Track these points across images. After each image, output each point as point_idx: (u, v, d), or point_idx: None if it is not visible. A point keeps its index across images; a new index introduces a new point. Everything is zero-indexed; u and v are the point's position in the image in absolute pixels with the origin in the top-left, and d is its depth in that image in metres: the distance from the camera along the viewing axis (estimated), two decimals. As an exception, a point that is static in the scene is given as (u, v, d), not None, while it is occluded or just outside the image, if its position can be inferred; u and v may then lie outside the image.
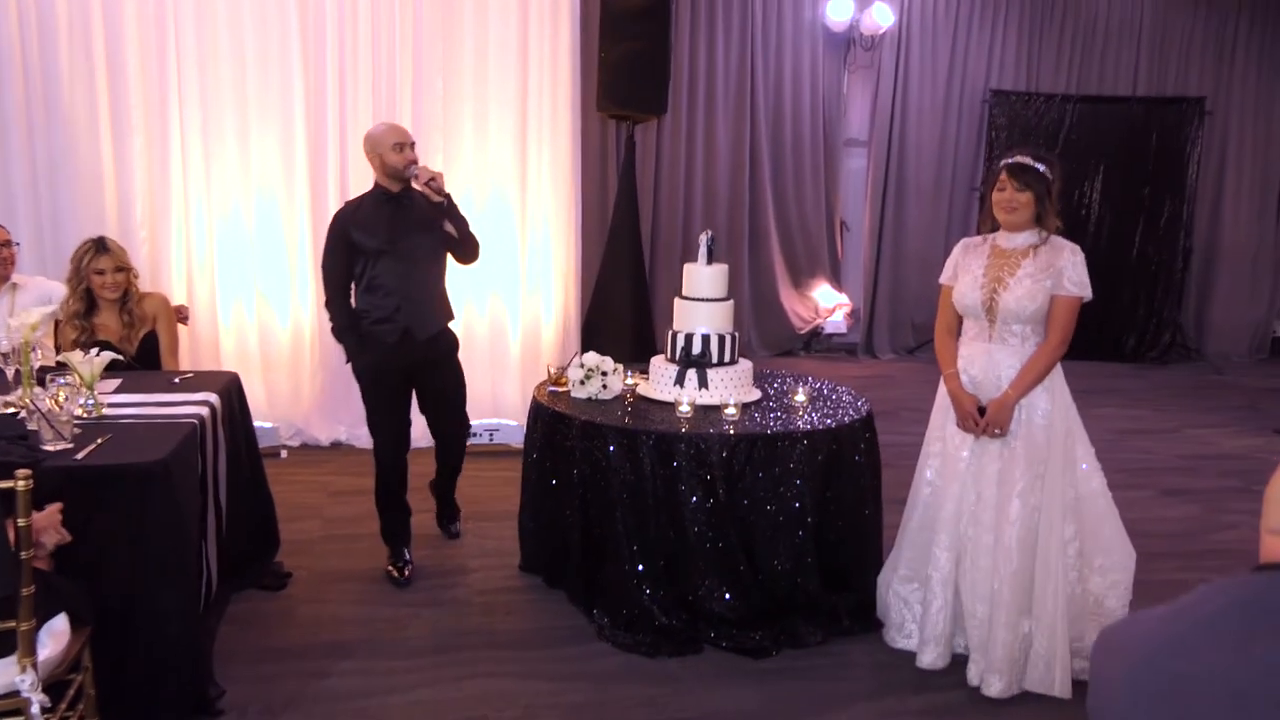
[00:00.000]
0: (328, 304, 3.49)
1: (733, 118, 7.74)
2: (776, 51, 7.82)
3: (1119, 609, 3.07)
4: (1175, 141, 8.27)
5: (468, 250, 3.50)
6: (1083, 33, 8.27)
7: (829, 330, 8.34)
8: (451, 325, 3.65)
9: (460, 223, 3.45)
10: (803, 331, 8.25)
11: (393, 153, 3.38)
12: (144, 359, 3.96)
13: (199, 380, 3.38)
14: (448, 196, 3.38)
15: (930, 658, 3.02)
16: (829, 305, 8.29)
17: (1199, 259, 8.66)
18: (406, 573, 3.56)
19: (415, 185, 3.39)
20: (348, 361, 3.52)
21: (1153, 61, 8.40)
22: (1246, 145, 8.63)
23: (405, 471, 3.65)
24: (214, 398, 3.14)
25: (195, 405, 3.03)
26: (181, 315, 4.30)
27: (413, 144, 3.44)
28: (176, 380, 3.36)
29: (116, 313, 3.93)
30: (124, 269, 3.94)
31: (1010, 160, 2.88)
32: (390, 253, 3.38)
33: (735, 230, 7.77)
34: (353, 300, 3.50)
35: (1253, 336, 8.92)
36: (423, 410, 3.61)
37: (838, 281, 8.34)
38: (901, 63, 7.97)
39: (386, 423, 3.54)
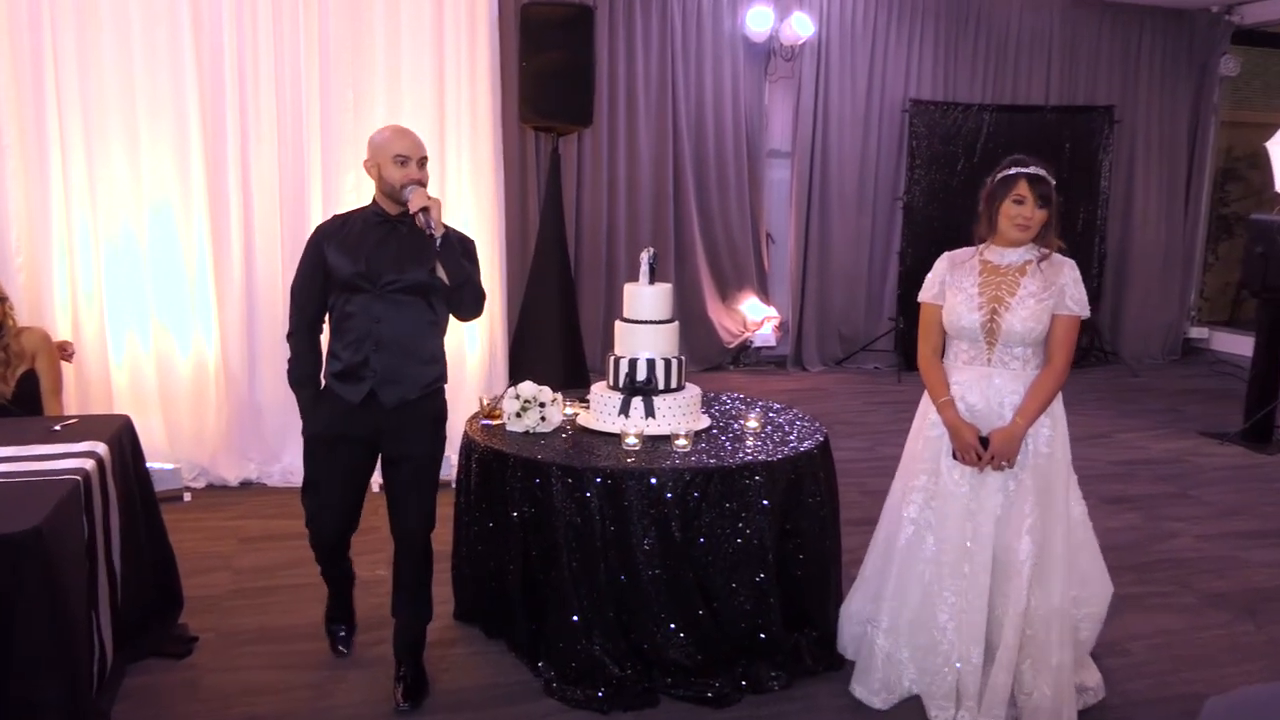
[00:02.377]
0: (289, 338, 2.88)
1: (654, 129, 7.57)
2: (697, 62, 7.68)
3: (1090, 640, 2.95)
4: (1087, 149, 8.42)
5: (462, 302, 2.75)
6: (996, 44, 8.37)
7: (758, 343, 8.22)
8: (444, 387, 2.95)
9: (456, 267, 2.70)
10: (731, 345, 8.11)
11: (393, 166, 2.69)
12: (22, 401, 3.57)
13: (84, 427, 3.00)
14: (443, 232, 2.67)
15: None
16: (757, 318, 8.16)
17: (1112, 263, 8.84)
18: (351, 643, 3.20)
19: (410, 209, 2.69)
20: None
21: (1064, 72, 8.56)
22: (1153, 151, 8.86)
23: (348, 549, 3.09)
24: (101, 447, 2.77)
25: (78, 458, 2.66)
26: (65, 352, 3.89)
27: (423, 160, 2.75)
28: (58, 428, 2.97)
29: (-12, 350, 3.54)
30: (-1, 299, 3.57)
31: (1028, 170, 2.62)
32: (366, 289, 2.72)
33: (661, 244, 7.57)
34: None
35: (1165, 338, 9.14)
36: (384, 484, 2.92)
37: (765, 294, 8.23)
38: (822, 73, 7.92)
39: (330, 499, 2.88)
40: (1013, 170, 2.65)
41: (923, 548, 2.82)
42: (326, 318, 2.88)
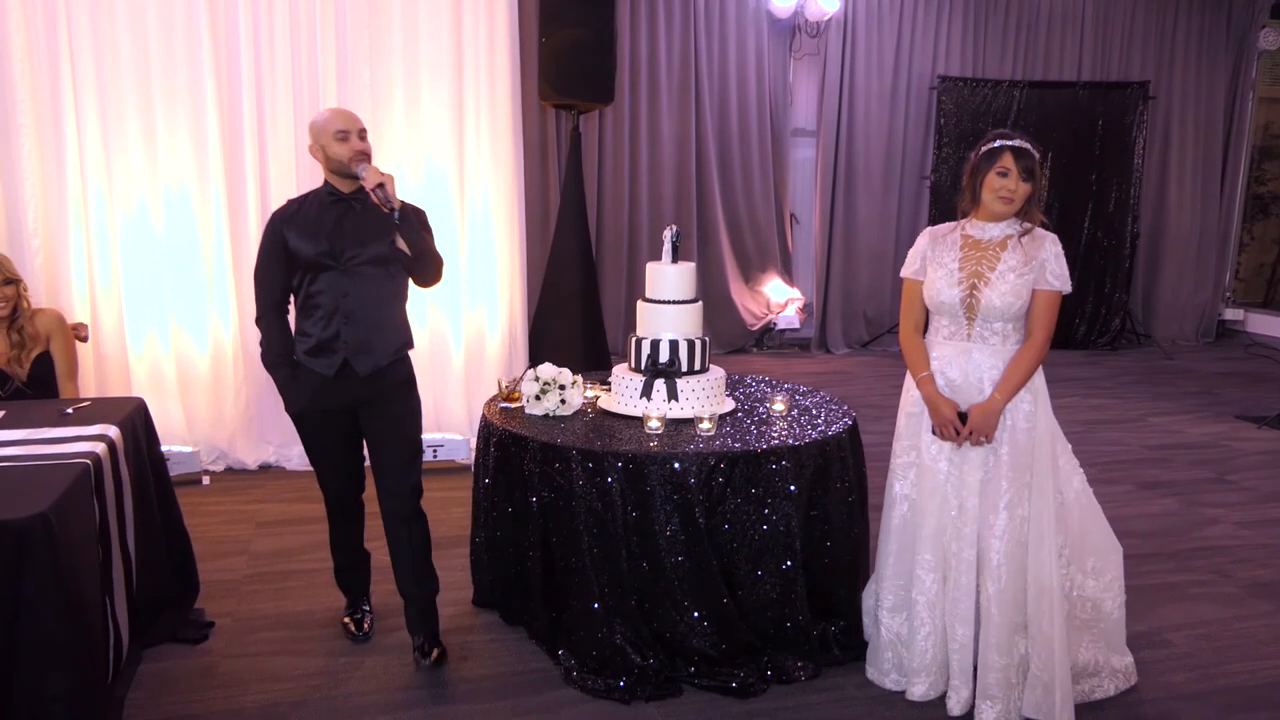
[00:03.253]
0: (258, 322, 2.89)
1: (677, 108, 7.45)
2: (720, 39, 7.55)
3: (1115, 611, 2.85)
4: (1120, 126, 8.22)
5: (424, 270, 2.82)
6: (1027, 18, 8.17)
7: (781, 325, 8.11)
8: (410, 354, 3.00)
9: (416, 239, 2.77)
10: (754, 328, 8.01)
11: (335, 143, 2.72)
12: (37, 384, 3.53)
13: (96, 409, 2.95)
14: (399, 207, 2.71)
15: (922, 689, 2.77)
16: (781, 300, 8.05)
17: (1145, 243, 8.65)
18: (366, 626, 3.14)
19: (365, 187, 2.72)
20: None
21: (1096, 46, 8.35)
22: (1189, 128, 8.63)
23: (361, 511, 3.12)
24: (112, 430, 2.72)
25: (89, 441, 2.61)
26: (80, 333, 3.84)
27: (363, 132, 2.79)
28: (70, 411, 2.93)
29: (4, 331, 3.51)
30: (13, 281, 3.53)
31: (1012, 142, 2.58)
32: (332, 266, 2.76)
33: (683, 225, 7.47)
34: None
35: (1199, 320, 8.95)
36: (370, 456, 2.96)
37: (789, 275, 8.11)
38: (848, 50, 7.76)
39: (332, 464, 3.00)
40: (997, 143, 2.61)
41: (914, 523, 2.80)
42: (291, 299, 2.91)
